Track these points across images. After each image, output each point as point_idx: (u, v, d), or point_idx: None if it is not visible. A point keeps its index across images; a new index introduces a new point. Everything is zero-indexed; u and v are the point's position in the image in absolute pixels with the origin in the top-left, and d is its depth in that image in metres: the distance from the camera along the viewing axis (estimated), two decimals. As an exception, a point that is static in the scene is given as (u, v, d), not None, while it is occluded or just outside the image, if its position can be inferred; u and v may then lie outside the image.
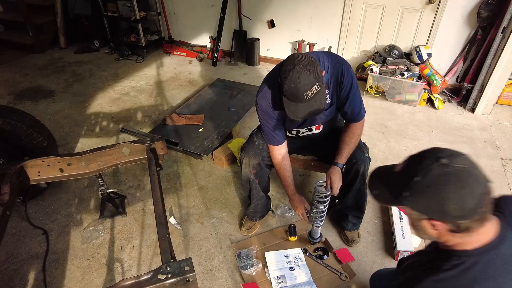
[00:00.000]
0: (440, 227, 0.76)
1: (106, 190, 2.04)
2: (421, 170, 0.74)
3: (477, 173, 0.73)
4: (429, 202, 0.74)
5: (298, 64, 1.23)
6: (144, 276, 1.05)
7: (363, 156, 1.64)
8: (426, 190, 0.73)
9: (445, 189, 0.71)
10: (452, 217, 0.74)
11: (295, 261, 1.76)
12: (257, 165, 1.70)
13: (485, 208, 0.73)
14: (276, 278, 1.69)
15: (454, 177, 0.72)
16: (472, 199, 0.71)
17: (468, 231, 0.75)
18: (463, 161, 0.74)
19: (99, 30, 4.67)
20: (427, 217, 0.77)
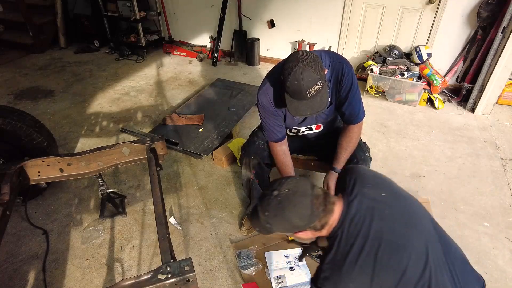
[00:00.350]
0: (305, 234, 1.00)
1: (106, 190, 2.04)
2: (265, 206, 0.98)
3: (300, 189, 0.96)
4: (283, 225, 0.98)
5: (301, 61, 1.23)
6: (144, 276, 1.05)
7: (364, 155, 1.64)
8: (275, 218, 0.97)
9: (285, 213, 0.95)
10: (303, 226, 0.97)
11: (295, 261, 1.76)
12: (257, 165, 1.70)
13: (321, 208, 0.96)
14: (276, 278, 1.69)
15: (286, 202, 0.95)
16: (305, 210, 0.94)
17: (325, 224, 0.98)
18: (288, 186, 0.97)
19: (99, 30, 4.67)
20: (291, 233, 1.02)
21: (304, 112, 1.32)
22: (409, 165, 2.50)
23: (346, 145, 1.60)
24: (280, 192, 0.96)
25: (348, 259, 0.91)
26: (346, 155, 1.61)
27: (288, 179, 0.99)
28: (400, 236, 0.93)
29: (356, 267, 0.90)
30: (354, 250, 0.92)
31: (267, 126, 1.59)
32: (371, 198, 0.99)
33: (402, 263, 0.91)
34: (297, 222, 0.96)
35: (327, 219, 0.97)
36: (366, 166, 1.65)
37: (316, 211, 0.95)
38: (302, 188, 0.96)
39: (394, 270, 0.90)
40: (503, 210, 2.10)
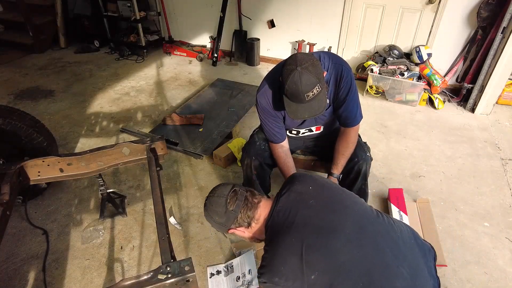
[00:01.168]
0: (238, 231, 1.15)
1: (106, 190, 2.04)
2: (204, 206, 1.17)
3: (218, 192, 1.13)
4: (211, 222, 1.16)
5: (300, 64, 1.23)
6: (144, 276, 1.05)
7: (364, 155, 1.64)
8: (207, 218, 1.16)
9: (207, 213, 1.15)
10: (225, 223, 1.12)
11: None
12: (258, 165, 1.70)
13: (233, 206, 1.09)
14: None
15: (207, 204, 1.15)
16: (219, 208, 1.10)
17: (251, 220, 1.11)
18: (212, 191, 1.16)
19: (99, 30, 4.67)
20: (225, 231, 1.16)
21: (302, 115, 1.32)
22: (409, 165, 2.50)
23: (343, 150, 1.61)
24: (208, 196, 1.16)
25: (278, 244, 1.00)
26: (343, 160, 1.62)
27: (219, 186, 1.17)
28: (328, 221, 1.01)
29: (285, 251, 0.98)
30: (282, 236, 1.00)
31: (267, 127, 1.59)
32: (298, 192, 1.09)
33: (332, 245, 0.97)
34: (216, 219, 1.11)
35: (249, 214, 1.09)
36: (367, 166, 1.65)
37: (231, 208, 1.08)
38: (220, 191, 1.13)
39: (324, 251, 0.96)
40: (503, 210, 2.10)
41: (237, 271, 1.71)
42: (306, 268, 0.94)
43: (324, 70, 1.41)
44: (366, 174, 1.67)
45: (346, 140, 1.59)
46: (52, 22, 4.67)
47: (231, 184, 1.15)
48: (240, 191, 1.12)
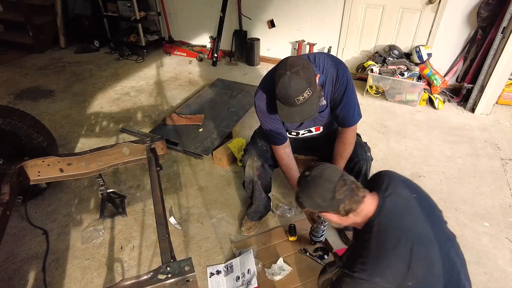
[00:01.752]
0: (331, 216, 1.11)
1: (106, 190, 2.04)
2: (299, 184, 1.14)
3: (326, 175, 1.07)
4: (308, 202, 1.10)
5: (289, 69, 1.24)
6: (144, 276, 1.05)
7: (365, 155, 1.64)
8: (303, 195, 1.11)
9: (309, 191, 1.09)
10: (325, 207, 1.08)
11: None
12: (260, 166, 1.70)
13: (342, 195, 1.04)
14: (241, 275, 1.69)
15: (311, 182, 1.08)
16: (327, 193, 1.05)
17: (352, 211, 1.06)
18: (317, 169, 1.10)
19: (99, 30, 4.67)
20: (318, 211, 1.13)
21: (294, 118, 1.33)
22: (409, 165, 2.50)
23: (342, 151, 1.61)
24: (310, 174, 1.09)
25: (386, 246, 0.99)
26: (342, 162, 1.62)
27: (321, 165, 1.11)
28: (429, 231, 1.03)
29: (393, 255, 0.98)
30: (391, 239, 0.99)
31: (267, 130, 1.59)
32: (403, 196, 1.09)
33: (431, 256, 1.00)
34: (319, 201, 1.07)
35: (353, 206, 1.05)
36: (367, 166, 1.65)
37: (339, 197, 1.04)
38: (328, 175, 1.07)
39: (425, 262, 0.98)
40: (503, 210, 2.10)
41: (237, 271, 1.71)
42: (409, 275, 0.96)
43: (319, 72, 1.41)
44: (367, 174, 1.67)
45: (344, 141, 1.59)
46: (52, 22, 4.67)
47: (337, 169, 1.11)
48: (348, 180, 1.07)
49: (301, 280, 1.69)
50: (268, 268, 1.73)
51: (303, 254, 1.81)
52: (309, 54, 1.48)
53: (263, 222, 2.03)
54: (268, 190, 1.92)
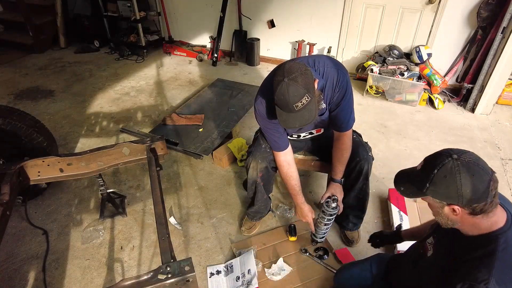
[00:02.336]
0: (459, 211, 0.91)
1: (106, 190, 2.04)
2: (438, 164, 0.91)
3: (483, 164, 0.89)
4: (447, 189, 0.90)
5: (287, 75, 1.23)
6: (144, 276, 1.05)
7: (366, 155, 1.64)
8: (444, 179, 0.89)
9: (459, 177, 0.87)
10: (468, 201, 0.88)
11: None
12: (264, 168, 1.71)
13: (494, 192, 0.88)
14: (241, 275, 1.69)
15: (464, 168, 0.88)
16: (481, 184, 0.87)
17: (484, 213, 0.90)
18: (470, 155, 0.91)
19: (99, 30, 4.67)
20: (447, 204, 0.92)
21: (293, 124, 1.33)
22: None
23: (339, 157, 1.62)
24: (460, 158, 0.89)
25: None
26: (341, 166, 1.63)
27: (470, 152, 0.93)
28: None
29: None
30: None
31: (268, 134, 1.58)
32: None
33: None
34: (466, 192, 0.87)
35: (490, 208, 0.90)
36: (369, 165, 1.65)
37: (490, 193, 0.88)
38: (484, 165, 0.90)
39: None
40: (503, 210, 2.10)
41: (237, 271, 1.71)
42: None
43: (318, 76, 1.41)
44: (368, 173, 1.67)
45: (341, 147, 1.60)
46: (52, 22, 4.67)
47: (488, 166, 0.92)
48: (496, 177, 0.93)
49: (301, 280, 1.69)
50: (268, 268, 1.73)
51: (303, 254, 1.81)
52: (309, 58, 1.48)
53: (263, 222, 2.03)
54: (269, 191, 1.92)
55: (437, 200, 0.94)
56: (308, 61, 1.44)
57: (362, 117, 3.10)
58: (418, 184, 0.96)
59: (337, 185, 1.65)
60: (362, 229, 1.96)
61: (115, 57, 4.52)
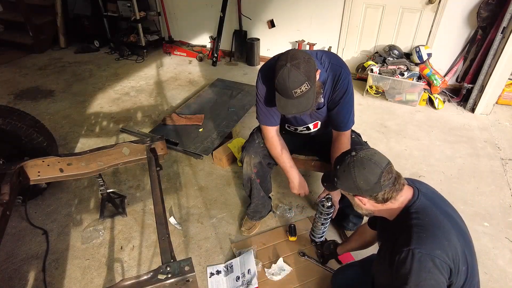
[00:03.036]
0: (365, 201, 1.06)
1: (106, 190, 2.04)
2: (340, 162, 1.08)
3: (376, 159, 1.02)
4: (347, 182, 1.05)
5: (290, 61, 1.25)
6: (144, 276, 1.05)
7: None
8: (343, 173, 1.05)
9: (353, 171, 1.02)
10: (365, 191, 1.02)
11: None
12: (258, 163, 1.70)
13: (387, 182, 1.00)
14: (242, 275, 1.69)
15: (358, 163, 1.02)
16: (372, 176, 1.00)
17: (390, 199, 1.03)
18: (366, 152, 1.04)
19: (99, 30, 4.67)
20: (352, 194, 1.08)
21: (290, 110, 1.35)
22: (409, 165, 2.50)
23: None
24: (357, 154, 1.04)
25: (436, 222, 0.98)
26: None
27: (370, 148, 1.08)
28: (462, 225, 1.06)
29: (445, 229, 0.97)
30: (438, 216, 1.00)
31: (263, 108, 1.56)
32: (434, 192, 1.12)
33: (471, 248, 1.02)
34: (361, 184, 1.01)
35: (394, 194, 1.02)
36: None
37: (383, 183, 1.00)
38: (378, 159, 1.02)
39: (469, 250, 1.00)
40: (503, 210, 2.10)
41: (236, 271, 1.71)
42: (462, 257, 0.96)
43: (321, 68, 1.41)
44: None
45: (339, 147, 1.60)
46: (52, 22, 4.67)
47: (385, 157, 1.05)
48: (393, 170, 1.04)
49: (301, 280, 1.69)
50: (268, 268, 1.73)
51: (301, 257, 1.80)
52: (318, 51, 1.48)
53: (263, 222, 2.03)
54: (268, 190, 1.91)
55: (346, 192, 1.10)
56: (317, 54, 1.46)
57: (362, 117, 3.10)
58: (331, 180, 1.11)
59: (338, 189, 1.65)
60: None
61: (115, 57, 4.52)
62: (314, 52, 1.47)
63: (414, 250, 0.92)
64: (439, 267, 0.91)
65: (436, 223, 0.98)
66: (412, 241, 0.94)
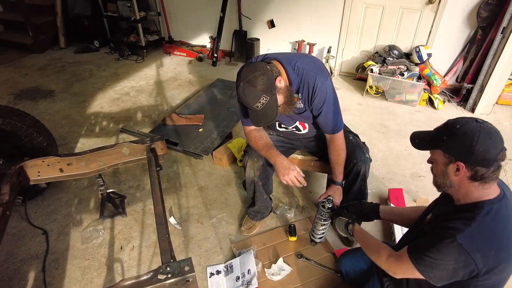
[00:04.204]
0: (462, 171, 0.97)
1: (106, 190, 2.04)
2: (462, 122, 0.97)
3: (500, 135, 0.95)
4: (462, 145, 0.95)
5: (243, 79, 1.32)
6: (144, 276, 1.05)
7: (363, 156, 1.64)
8: (463, 135, 0.95)
9: (477, 136, 0.93)
10: (476, 161, 0.93)
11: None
12: (261, 166, 1.71)
13: (499, 162, 0.94)
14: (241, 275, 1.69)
15: (485, 130, 0.94)
16: (494, 149, 0.92)
17: (483, 180, 0.95)
18: (491, 125, 0.97)
19: (99, 30, 4.67)
20: (454, 160, 0.98)
21: (260, 122, 1.43)
22: (409, 165, 2.50)
23: (336, 158, 1.62)
24: (484, 123, 0.96)
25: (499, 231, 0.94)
26: (340, 167, 1.63)
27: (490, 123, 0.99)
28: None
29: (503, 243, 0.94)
30: (505, 229, 0.95)
31: (240, 106, 1.58)
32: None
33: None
34: (479, 151, 0.92)
35: (491, 179, 0.96)
36: (366, 167, 1.65)
37: (499, 160, 0.94)
38: (501, 136, 0.96)
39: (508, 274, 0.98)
40: (503, 210, 2.10)
41: (237, 271, 1.71)
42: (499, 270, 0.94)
43: (294, 77, 1.43)
44: (365, 175, 1.67)
45: (335, 148, 1.61)
46: (52, 22, 4.67)
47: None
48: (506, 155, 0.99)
49: (301, 280, 1.69)
50: (268, 268, 1.73)
51: (299, 259, 1.80)
52: (293, 57, 1.48)
53: (263, 222, 2.03)
54: (270, 192, 1.92)
55: (447, 155, 0.99)
56: (291, 60, 1.47)
57: (362, 117, 3.10)
58: (436, 137, 1.03)
59: (337, 188, 1.65)
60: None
61: (115, 57, 4.52)
62: (289, 59, 1.47)
63: (458, 240, 0.90)
64: (466, 264, 0.91)
65: (497, 231, 0.93)
66: (463, 233, 0.91)
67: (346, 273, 1.57)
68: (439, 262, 0.94)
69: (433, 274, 0.97)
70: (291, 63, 1.45)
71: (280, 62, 1.45)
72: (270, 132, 1.82)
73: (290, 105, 1.44)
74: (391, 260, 1.10)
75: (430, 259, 0.95)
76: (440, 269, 0.94)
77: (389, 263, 1.11)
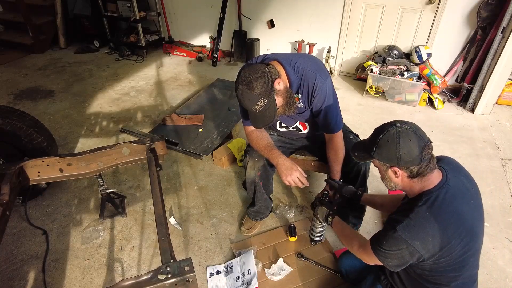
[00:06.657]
0: (400, 173, 1.08)
1: (106, 190, 2.03)
2: (383, 131, 1.08)
3: (420, 133, 1.06)
4: (389, 152, 1.06)
5: (241, 82, 1.33)
6: (144, 276, 1.05)
7: None
8: (387, 143, 1.06)
9: (398, 141, 1.04)
10: (405, 162, 1.04)
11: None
12: (262, 166, 1.71)
13: (427, 157, 1.04)
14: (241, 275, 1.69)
15: (404, 134, 1.04)
16: (416, 149, 1.03)
17: (421, 175, 1.06)
18: (410, 125, 1.07)
19: (99, 30, 4.67)
20: (389, 166, 1.09)
21: (259, 124, 1.44)
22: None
23: (334, 157, 1.63)
24: (402, 126, 1.06)
25: (436, 218, 1.01)
26: (338, 166, 1.64)
27: (410, 122, 1.09)
28: (476, 226, 1.08)
29: (440, 228, 1.00)
30: (443, 215, 1.01)
31: (240, 107, 1.59)
32: (464, 185, 1.13)
33: (471, 247, 1.05)
34: (403, 155, 1.03)
35: (426, 172, 1.06)
36: (366, 167, 1.66)
37: (423, 157, 1.03)
38: (422, 133, 1.06)
39: (463, 248, 1.03)
40: (503, 210, 2.10)
41: (236, 271, 1.71)
42: (445, 252, 1.01)
43: (294, 77, 1.44)
44: (366, 175, 1.68)
45: (334, 147, 1.61)
46: (52, 22, 4.67)
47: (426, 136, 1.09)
48: (432, 146, 1.08)
49: (301, 280, 1.69)
50: (268, 268, 1.73)
51: (299, 259, 1.80)
52: (293, 57, 1.48)
53: (263, 222, 2.03)
54: (270, 192, 1.92)
55: (382, 163, 1.10)
56: (291, 61, 1.47)
57: (362, 117, 3.10)
58: (368, 149, 1.12)
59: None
60: (361, 229, 1.96)
61: (115, 57, 4.52)
62: (289, 59, 1.47)
63: (398, 231, 1.01)
64: (410, 252, 1.01)
65: (432, 218, 1.01)
66: (402, 224, 1.01)
67: (346, 273, 1.58)
68: (389, 252, 1.05)
69: (390, 263, 1.08)
70: (291, 63, 1.46)
71: (280, 63, 1.45)
72: (271, 132, 1.82)
73: (290, 106, 1.45)
74: (360, 250, 1.20)
75: (383, 250, 1.06)
76: (392, 257, 1.06)
77: (359, 252, 1.21)
